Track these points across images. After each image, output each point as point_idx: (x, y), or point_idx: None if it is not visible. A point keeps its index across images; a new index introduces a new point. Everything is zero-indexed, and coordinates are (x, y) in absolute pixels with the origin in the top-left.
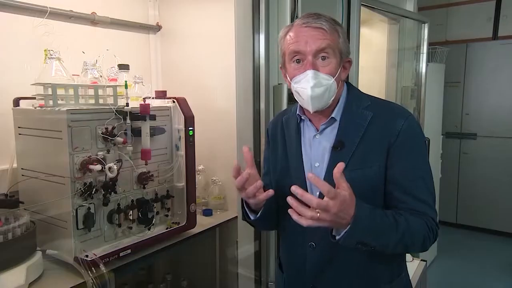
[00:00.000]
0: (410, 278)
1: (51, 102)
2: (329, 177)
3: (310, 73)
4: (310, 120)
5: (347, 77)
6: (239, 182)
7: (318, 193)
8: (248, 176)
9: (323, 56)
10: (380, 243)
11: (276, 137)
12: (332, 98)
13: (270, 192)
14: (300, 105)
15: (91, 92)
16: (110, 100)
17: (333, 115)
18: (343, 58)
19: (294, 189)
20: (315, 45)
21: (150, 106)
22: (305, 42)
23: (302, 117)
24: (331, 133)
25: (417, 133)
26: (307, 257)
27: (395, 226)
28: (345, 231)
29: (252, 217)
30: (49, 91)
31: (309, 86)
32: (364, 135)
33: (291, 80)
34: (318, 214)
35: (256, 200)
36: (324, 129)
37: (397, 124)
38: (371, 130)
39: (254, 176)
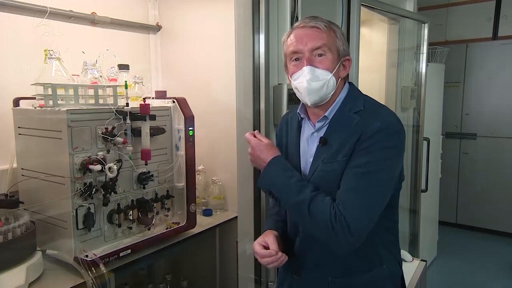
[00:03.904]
0: (410, 277)
1: (51, 102)
2: (313, 169)
3: (306, 69)
4: (309, 119)
5: (348, 76)
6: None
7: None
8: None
9: (319, 53)
10: (279, 197)
11: (281, 133)
12: (331, 93)
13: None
14: (301, 105)
15: (91, 92)
16: (110, 100)
17: (326, 114)
18: (342, 57)
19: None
20: (311, 43)
21: (150, 106)
22: (302, 42)
23: (302, 116)
24: (324, 130)
25: (387, 137)
26: (295, 244)
27: (298, 191)
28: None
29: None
30: (49, 91)
31: (305, 80)
32: (345, 136)
33: (291, 77)
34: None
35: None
36: (319, 126)
37: (372, 126)
38: (352, 131)
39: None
